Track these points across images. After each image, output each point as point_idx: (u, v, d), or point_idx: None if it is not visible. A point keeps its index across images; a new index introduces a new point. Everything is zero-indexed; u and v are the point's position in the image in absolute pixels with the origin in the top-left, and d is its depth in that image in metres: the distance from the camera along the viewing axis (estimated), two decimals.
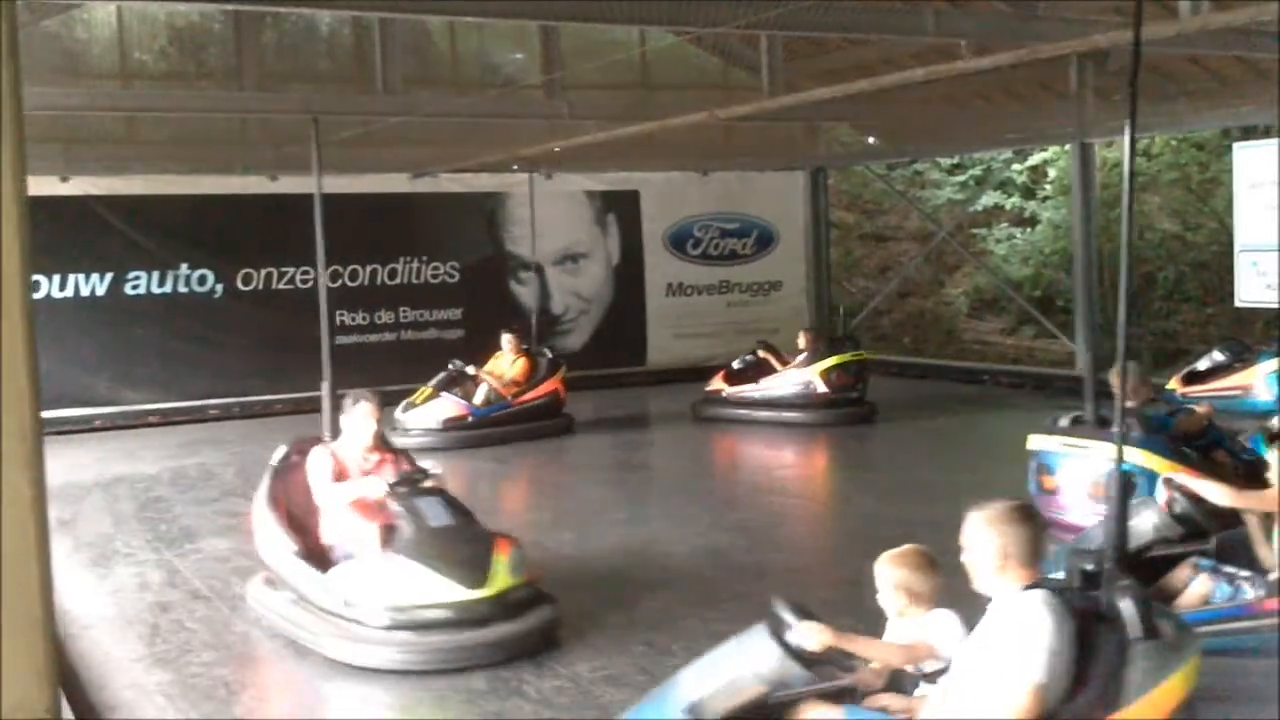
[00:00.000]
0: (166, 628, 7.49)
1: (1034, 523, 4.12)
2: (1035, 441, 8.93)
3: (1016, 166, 23.26)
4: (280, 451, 7.82)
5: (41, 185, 14.82)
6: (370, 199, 17.31)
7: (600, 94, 16.07)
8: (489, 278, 18.42)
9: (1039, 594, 4.00)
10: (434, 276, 18.02)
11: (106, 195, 16.01)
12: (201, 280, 16.68)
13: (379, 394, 7.59)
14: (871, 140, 18.92)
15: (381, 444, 7.54)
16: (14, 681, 0.86)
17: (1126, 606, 3.94)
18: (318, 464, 7.31)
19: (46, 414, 10.03)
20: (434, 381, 14.28)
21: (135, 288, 16.31)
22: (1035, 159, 22.82)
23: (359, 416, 7.37)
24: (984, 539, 4.08)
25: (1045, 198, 23.38)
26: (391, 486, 7.06)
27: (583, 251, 19.17)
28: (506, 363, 14.75)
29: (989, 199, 23.58)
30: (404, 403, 14.02)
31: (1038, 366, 19.73)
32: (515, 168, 17.35)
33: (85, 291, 15.97)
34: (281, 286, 17.09)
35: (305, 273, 17.11)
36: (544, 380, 14.68)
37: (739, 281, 20.22)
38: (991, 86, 16.15)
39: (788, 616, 4.33)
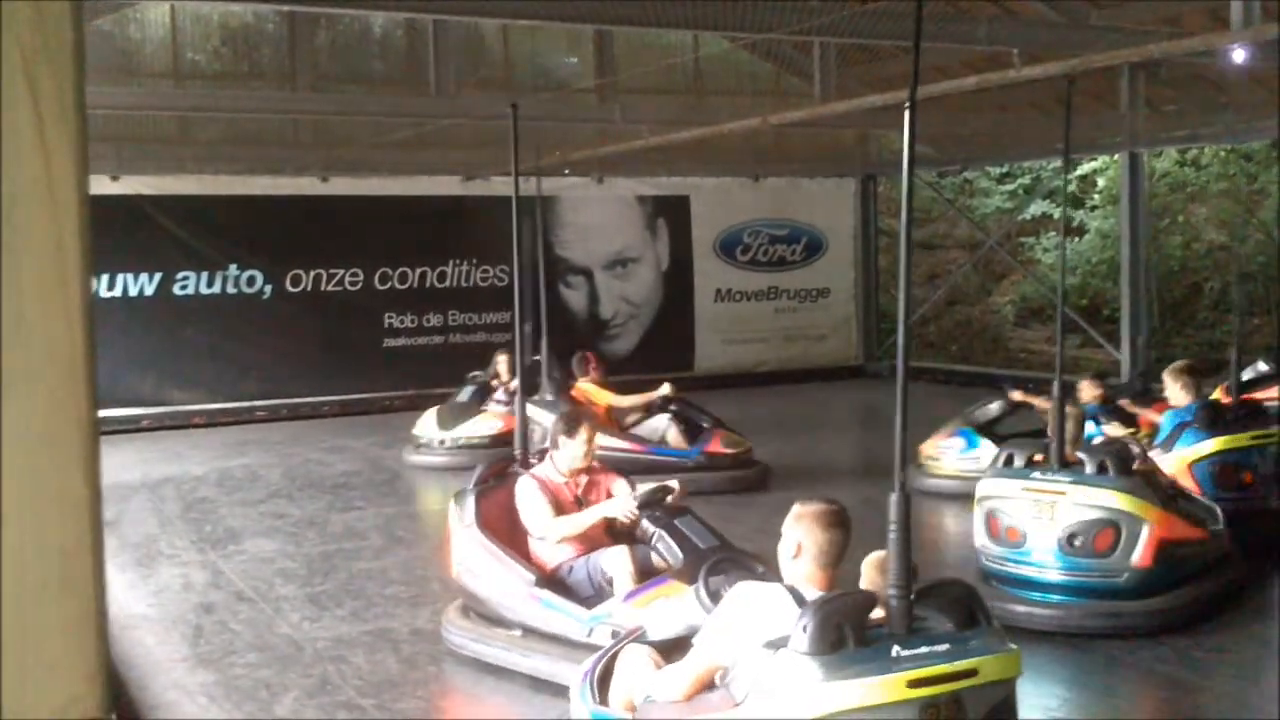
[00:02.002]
0: (210, 628, 7.50)
1: (838, 530, 4.25)
2: (987, 487, 7.56)
3: (1067, 175, 23.10)
4: (476, 473, 7.34)
5: (92, 184, 14.86)
6: (421, 201, 17.36)
7: (653, 98, 16.06)
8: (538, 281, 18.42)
9: (772, 587, 4.20)
10: (483, 279, 18.02)
11: (157, 195, 16.09)
12: (250, 281, 16.73)
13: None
14: (920, 148, 18.84)
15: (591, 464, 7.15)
16: (66, 681, 0.84)
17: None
18: (530, 494, 6.86)
19: None
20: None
21: (184, 288, 16.37)
22: (1084, 168, 22.67)
23: (580, 444, 6.94)
24: (785, 531, 4.31)
25: (1094, 207, 23.23)
26: (640, 508, 6.68)
27: (633, 256, 19.16)
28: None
29: (1037, 208, 23.45)
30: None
31: (1081, 376, 19.54)
32: (567, 171, 17.37)
33: (134, 291, 16.04)
34: (330, 288, 17.14)
35: (354, 274, 17.19)
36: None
37: (788, 288, 20.15)
38: (1043, 95, 16.04)
39: None
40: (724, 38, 14.74)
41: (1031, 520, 7.20)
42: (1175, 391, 9.15)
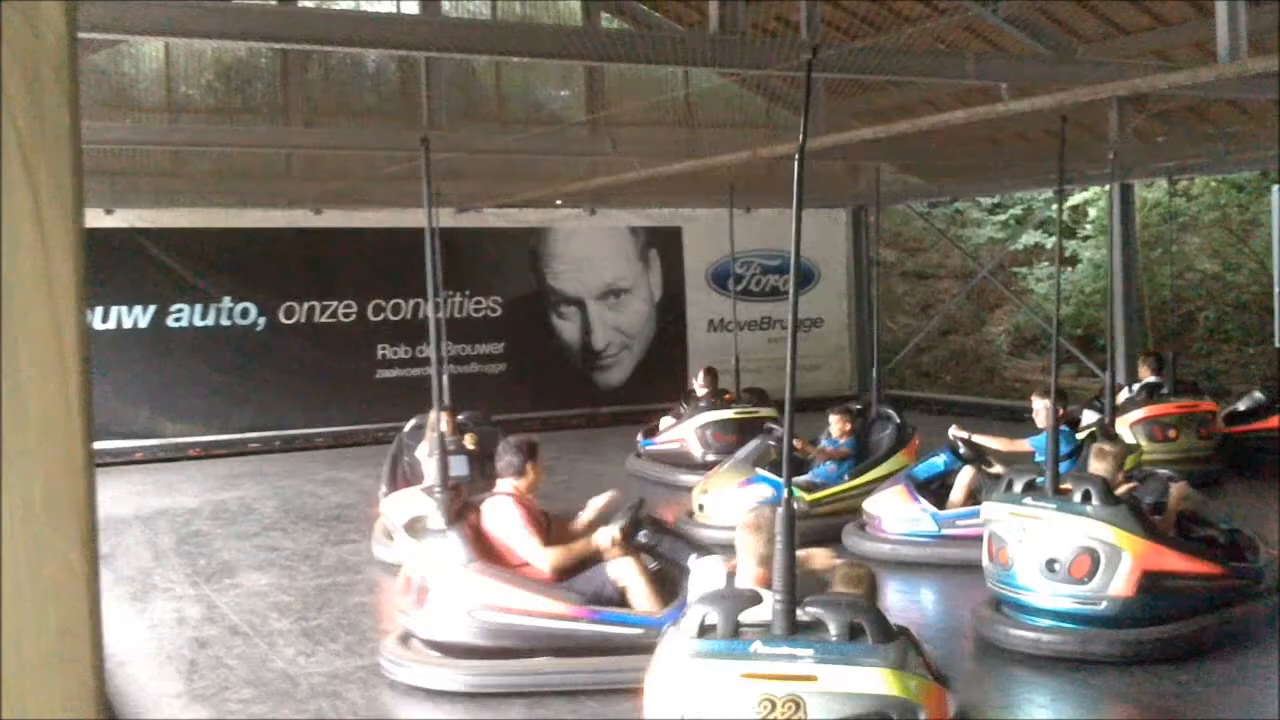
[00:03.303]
0: (205, 664, 7.49)
1: (763, 533, 4.91)
2: (987, 510, 7.77)
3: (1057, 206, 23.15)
4: (435, 514, 7.24)
5: (87, 217, 14.92)
6: (414, 233, 17.37)
7: (644, 131, 16.14)
8: (532, 312, 18.49)
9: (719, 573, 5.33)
10: (476, 311, 18.07)
11: (151, 228, 16.13)
12: (244, 313, 16.77)
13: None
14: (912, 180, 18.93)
15: None
16: None
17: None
18: (517, 519, 7.02)
19: None
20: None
21: (178, 320, 16.40)
22: (1075, 199, 22.76)
23: (541, 469, 7.28)
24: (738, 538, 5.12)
25: (1086, 237, 23.31)
26: (625, 534, 6.93)
27: (625, 287, 19.22)
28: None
29: (1029, 238, 23.53)
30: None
31: (1078, 404, 19.58)
32: (559, 203, 17.43)
33: (128, 323, 16.07)
34: (324, 320, 17.18)
35: (348, 306, 17.24)
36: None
37: (780, 318, 20.20)
38: (1032, 127, 16.13)
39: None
40: (716, 73, 14.82)
41: (1016, 544, 7.31)
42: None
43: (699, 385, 14.55)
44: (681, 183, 15.77)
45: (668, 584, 6.81)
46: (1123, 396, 13.19)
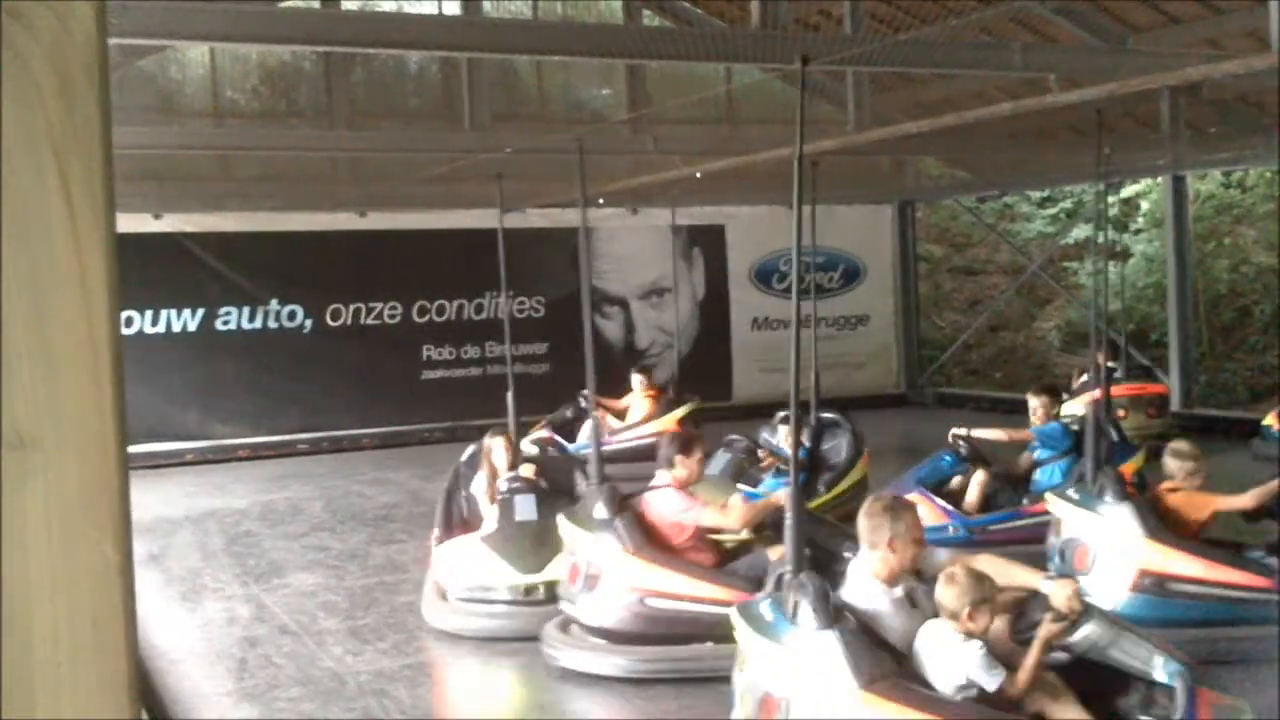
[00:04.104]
0: (254, 662, 7.53)
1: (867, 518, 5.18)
2: (1055, 505, 7.73)
3: (1109, 198, 22.88)
4: (602, 506, 7.21)
5: (134, 223, 15.09)
6: (457, 235, 17.43)
7: (686, 129, 16.11)
8: (574, 312, 18.47)
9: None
10: (519, 311, 18.09)
11: (198, 232, 16.23)
12: (291, 316, 16.86)
13: None
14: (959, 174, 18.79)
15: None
16: None
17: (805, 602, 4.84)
18: (684, 500, 7.14)
19: (139, 448, 10.24)
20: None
21: (226, 323, 16.52)
22: (1127, 191, 22.50)
23: (697, 461, 7.31)
24: None
25: (1138, 230, 23.04)
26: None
27: (667, 286, 19.17)
28: (639, 405, 14.45)
29: (1080, 232, 23.29)
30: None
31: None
32: (601, 202, 17.42)
33: (177, 327, 16.18)
34: (370, 322, 17.25)
35: (393, 308, 17.30)
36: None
37: (825, 315, 20.11)
38: (1082, 119, 15.99)
39: None
40: (758, 68, 14.77)
41: (1052, 534, 7.71)
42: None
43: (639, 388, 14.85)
44: (724, 180, 15.74)
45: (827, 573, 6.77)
46: (1083, 380, 14.21)
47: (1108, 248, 9.78)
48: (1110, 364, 13.79)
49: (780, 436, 10.66)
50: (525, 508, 8.08)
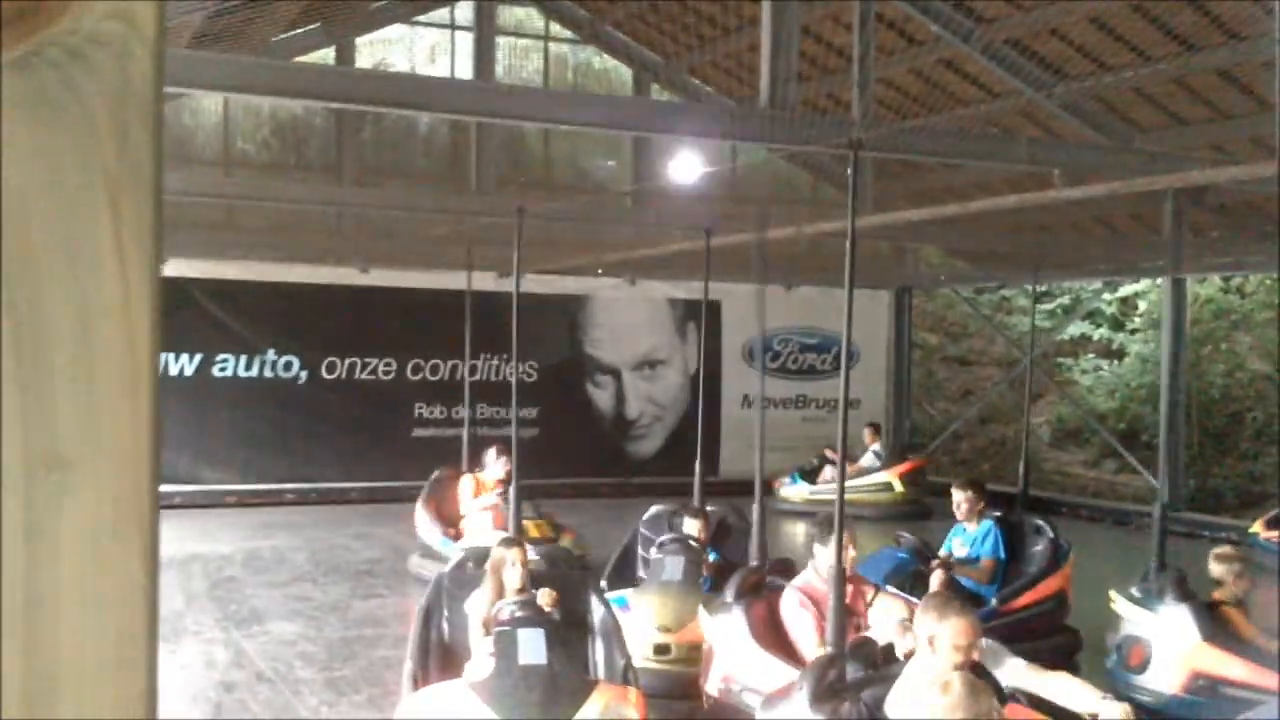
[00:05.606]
0: (230, 707, 7.51)
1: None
2: (1123, 607, 7.68)
3: (1106, 296, 23.03)
4: (733, 585, 6.95)
5: None
6: (455, 296, 17.48)
7: (688, 203, 16.21)
8: (565, 379, 18.52)
9: None
10: (510, 375, 18.09)
11: (201, 279, 16.27)
12: (287, 366, 16.92)
13: None
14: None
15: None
16: None
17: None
18: (800, 613, 6.65)
19: None
20: None
21: (223, 370, 16.57)
22: (1125, 290, 22.60)
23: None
24: None
25: (1134, 330, 23.09)
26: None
27: (661, 358, 19.23)
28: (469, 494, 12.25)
29: (1076, 328, 23.38)
30: None
31: (1119, 502, 19.42)
32: (600, 272, 17.51)
33: (174, 371, 16.21)
34: (364, 377, 17.30)
35: (388, 364, 17.37)
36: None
37: (816, 397, 20.16)
38: (1084, 215, 16.10)
39: None
40: (764, 147, 14.91)
41: (1110, 631, 7.81)
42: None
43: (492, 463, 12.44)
44: (723, 256, 15.83)
45: None
46: (866, 461, 17.23)
47: (1105, 343, 9.76)
48: (878, 445, 16.67)
49: (691, 528, 9.61)
50: (531, 647, 5.74)
